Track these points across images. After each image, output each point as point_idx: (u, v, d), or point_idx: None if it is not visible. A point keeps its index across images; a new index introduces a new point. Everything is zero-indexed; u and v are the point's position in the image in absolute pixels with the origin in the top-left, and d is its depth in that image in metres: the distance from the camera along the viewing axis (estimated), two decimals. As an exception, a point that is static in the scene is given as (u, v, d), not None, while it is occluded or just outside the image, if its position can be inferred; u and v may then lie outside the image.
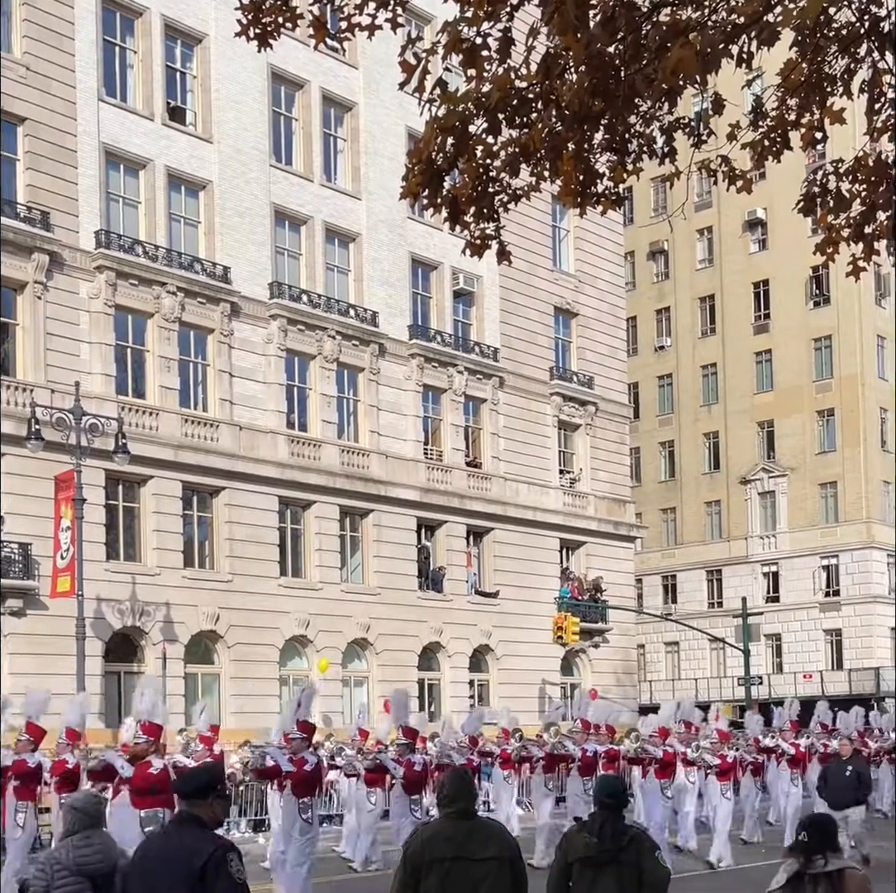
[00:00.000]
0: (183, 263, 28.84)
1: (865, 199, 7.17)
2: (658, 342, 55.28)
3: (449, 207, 6.41)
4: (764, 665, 49.60)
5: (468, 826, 5.91)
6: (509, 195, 6.58)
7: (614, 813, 6.22)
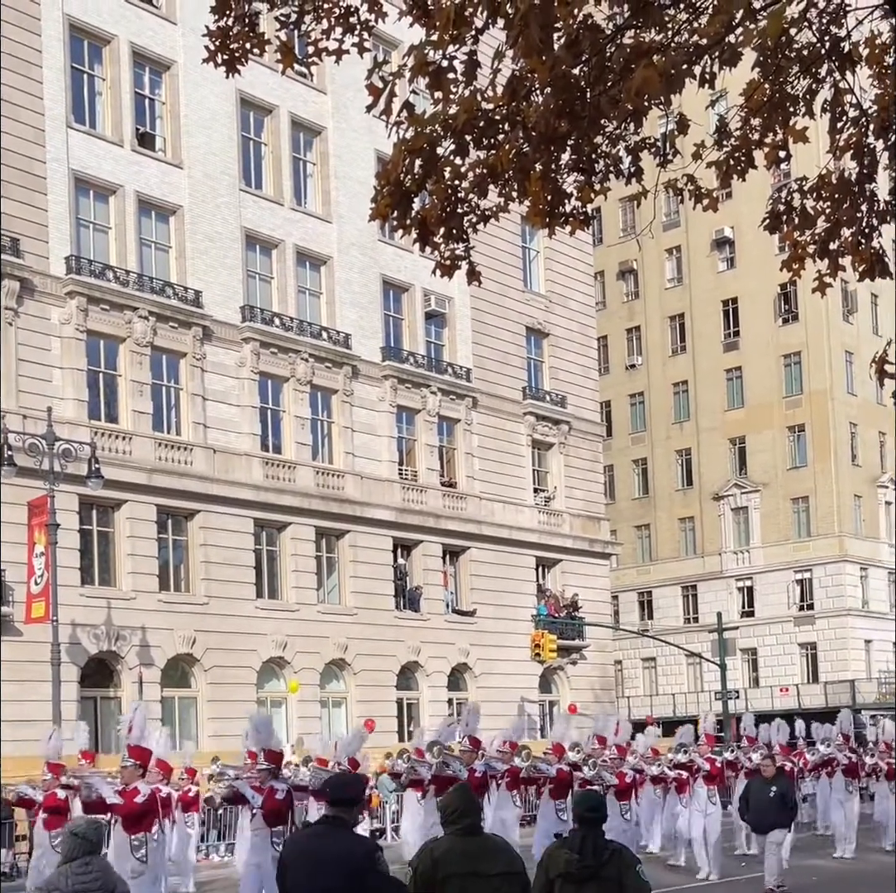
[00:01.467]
0: (154, 287, 28.80)
1: (830, 216, 7.29)
2: (629, 361, 55.63)
3: (418, 228, 6.46)
4: (741, 679, 49.84)
5: (478, 842, 5.95)
6: (478, 216, 6.62)
7: (594, 829, 6.23)
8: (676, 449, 54.22)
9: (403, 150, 6.14)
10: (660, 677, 53.93)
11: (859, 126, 7.28)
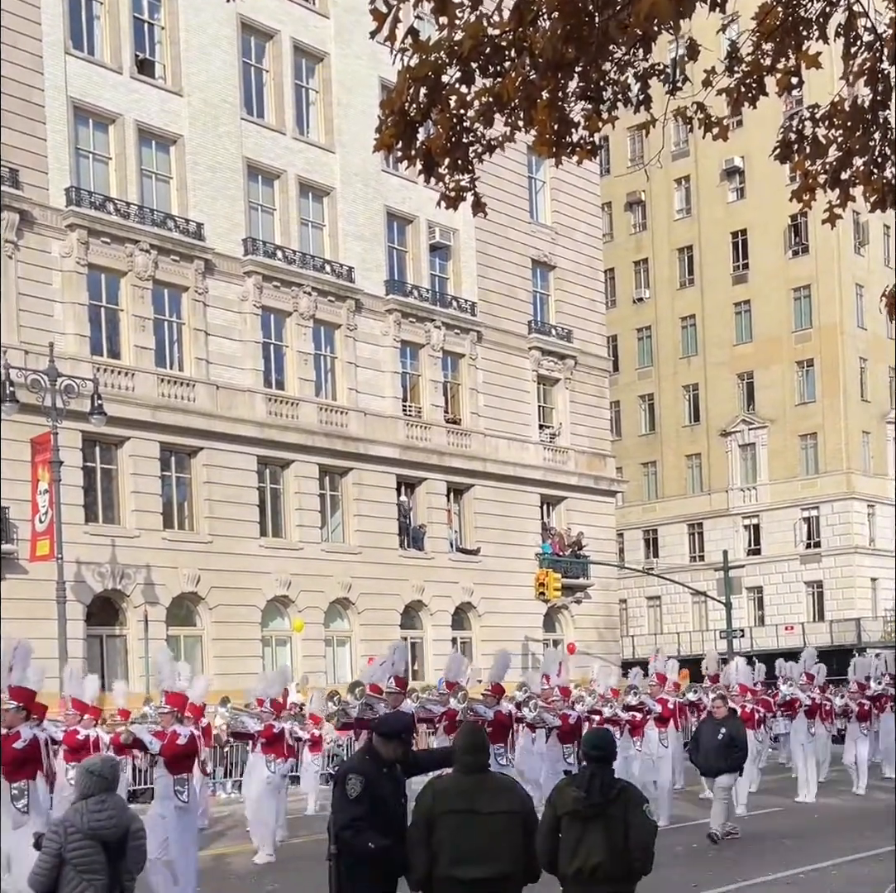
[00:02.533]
0: (155, 219, 28.69)
1: (842, 144, 7.16)
2: (636, 294, 55.40)
3: (423, 159, 6.37)
4: (746, 618, 50.19)
5: (479, 780, 6.11)
6: (483, 146, 6.55)
7: (603, 767, 6.36)
8: (684, 384, 54.15)
9: (408, 78, 6.07)
10: (665, 616, 54.41)
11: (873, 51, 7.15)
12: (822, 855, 12.85)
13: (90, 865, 5.83)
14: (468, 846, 5.98)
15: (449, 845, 6.00)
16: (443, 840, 6.01)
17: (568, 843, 6.26)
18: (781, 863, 12.54)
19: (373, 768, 6.44)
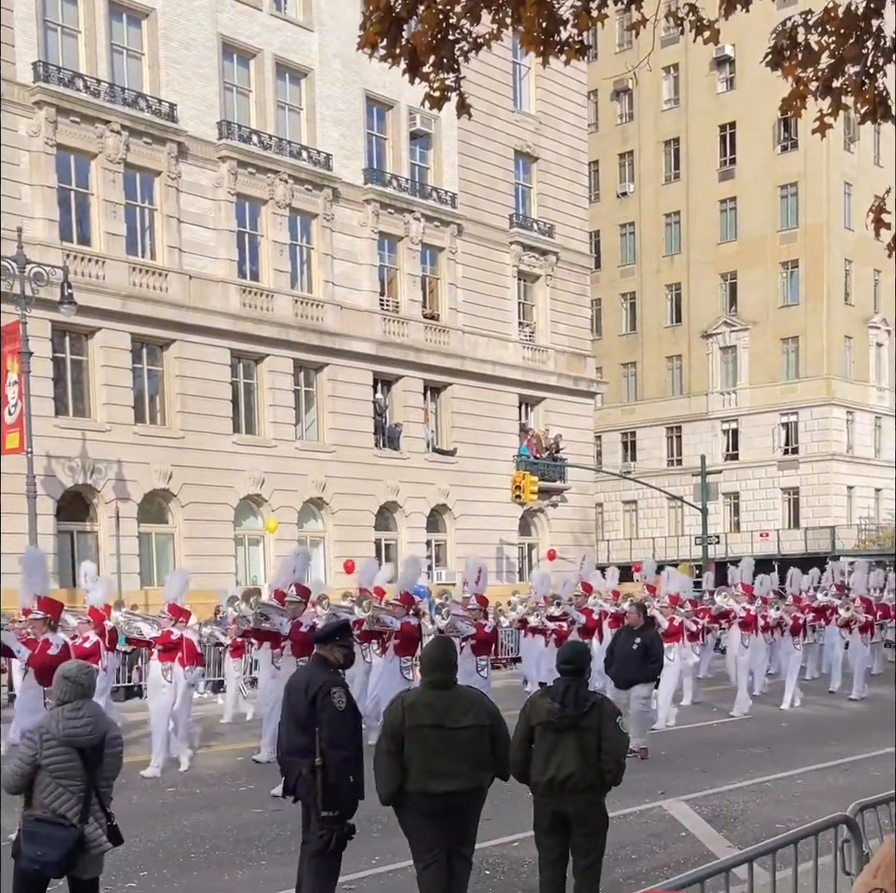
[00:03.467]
0: (127, 99, 28.56)
1: (834, 52, 7.29)
2: (621, 188, 55.46)
3: (408, 57, 6.42)
4: (722, 524, 51.51)
5: (448, 695, 6.59)
6: (469, 44, 6.59)
7: (577, 679, 6.83)
8: (666, 284, 54.65)
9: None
10: (640, 520, 55.71)
11: None
12: (787, 764, 13.61)
13: (67, 771, 5.99)
14: (438, 760, 6.43)
15: (418, 759, 6.44)
16: (412, 754, 6.45)
17: (541, 753, 6.67)
18: (748, 771, 13.21)
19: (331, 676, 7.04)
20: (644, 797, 11.49)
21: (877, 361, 54.13)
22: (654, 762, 13.92)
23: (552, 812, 6.74)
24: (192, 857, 9.66)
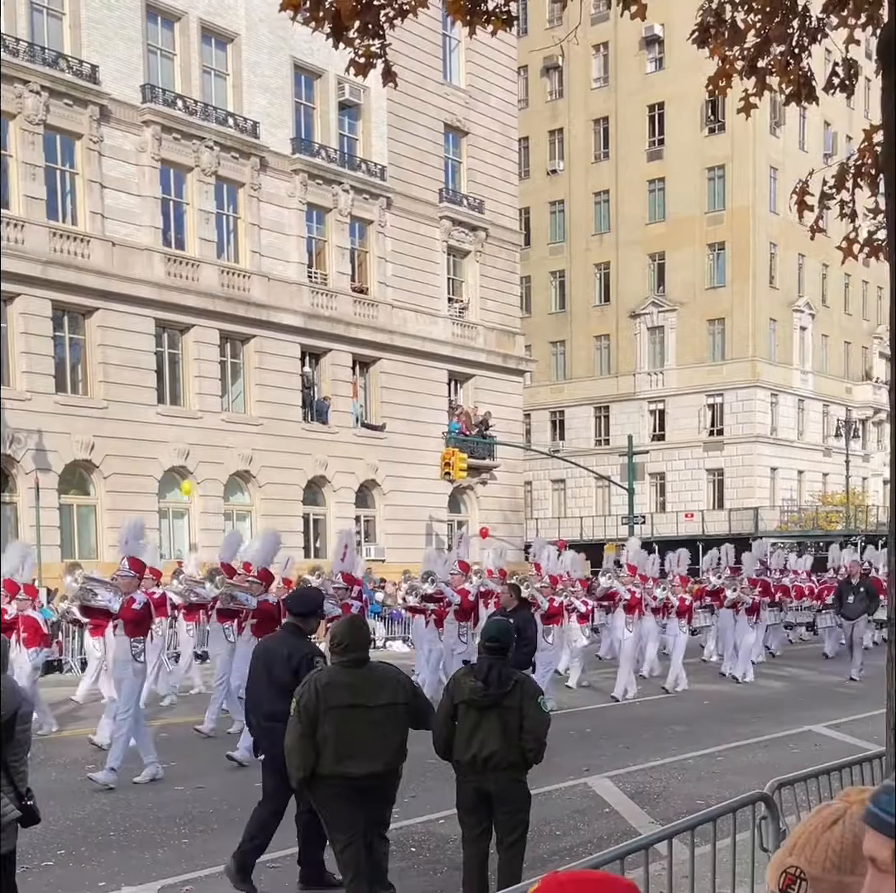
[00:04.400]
0: (47, 59, 27.86)
1: (760, 31, 7.28)
2: (550, 166, 55.57)
3: (332, 21, 6.28)
4: (648, 504, 51.98)
5: (363, 674, 6.53)
6: (395, 10, 6.44)
7: (500, 657, 6.81)
8: (595, 263, 54.88)
9: None
10: (569, 499, 55.98)
11: None
12: (709, 742, 13.76)
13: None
14: (354, 740, 6.37)
15: (335, 741, 6.36)
16: (328, 736, 6.36)
17: (464, 731, 6.66)
18: (670, 749, 13.33)
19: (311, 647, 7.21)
20: (568, 774, 11.57)
21: (801, 344, 54.97)
22: (580, 739, 14.00)
23: (475, 790, 6.74)
24: (112, 835, 9.45)
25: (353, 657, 6.56)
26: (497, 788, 6.67)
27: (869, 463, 59.66)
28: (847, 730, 14.22)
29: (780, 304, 53.39)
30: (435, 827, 9.37)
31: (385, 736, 6.47)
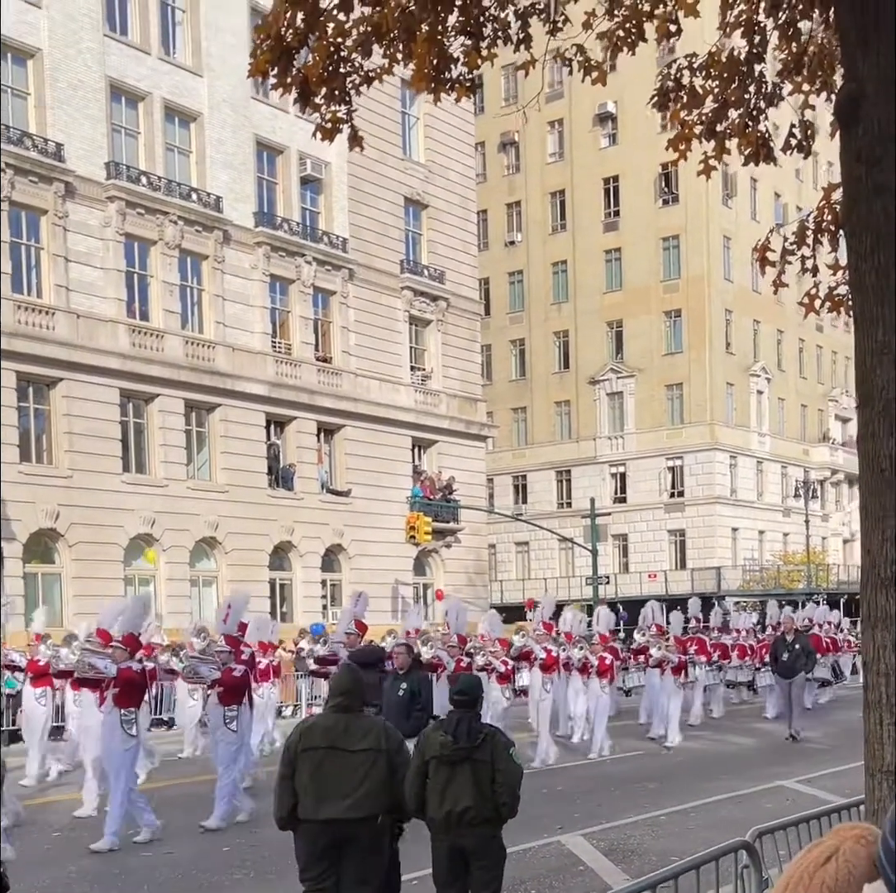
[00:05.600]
0: (12, 137, 28.23)
1: (718, 96, 7.49)
2: (509, 237, 56.43)
3: (299, 87, 6.46)
4: (611, 565, 52.06)
5: (347, 720, 6.52)
6: (361, 77, 6.59)
7: (469, 711, 6.81)
8: (554, 331, 55.56)
9: (285, 1, 6.17)
10: (532, 561, 56.08)
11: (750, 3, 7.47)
12: (681, 798, 13.74)
13: None
14: (329, 784, 6.34)
15: (310, 783, 6.36)
16: (304, 778, 6.38)
17: (436, 787, 6.55)
18: (643, 805, 13.30)
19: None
20: (542, 831, 11.48)
21: (758, 407, 55.63)
22: (552, 797, 13.91)
23: (449, 848, 6.68)
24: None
25: (338, 701, 6.56)
26: (472, 844, 6.61)
27: (828, 523, 60.15)
28: (819, 785, 14.14)
29: (736, 368, 54.10)
30: (408, 889, 8.98)
31: (363, 782, 6.37)
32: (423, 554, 39.33)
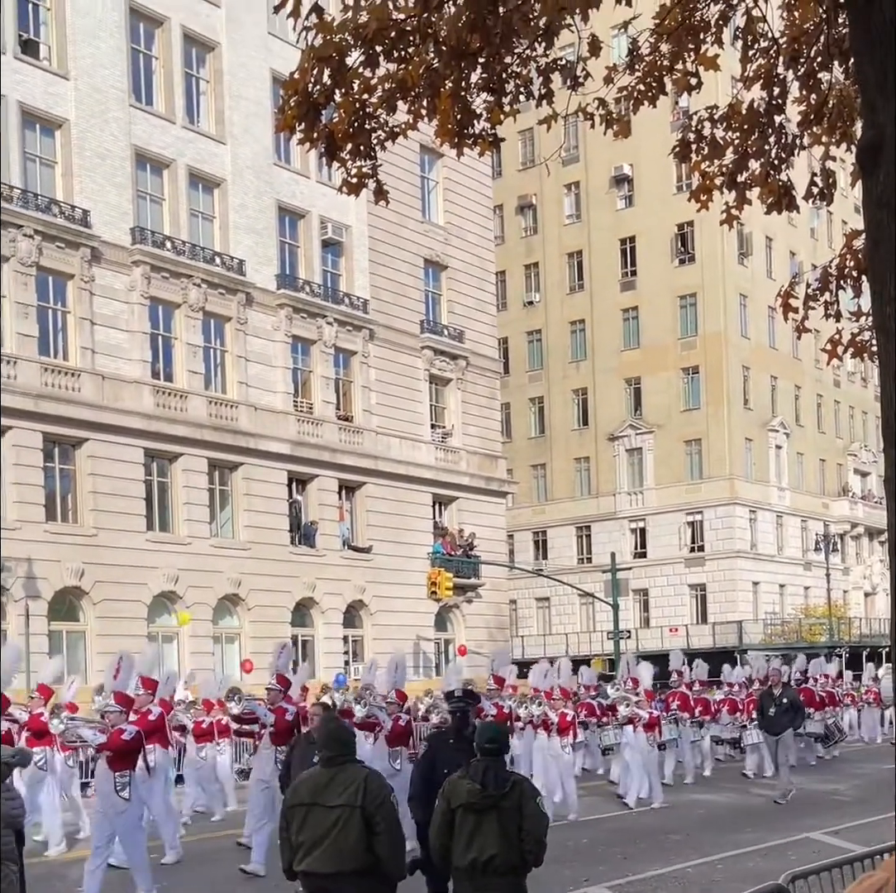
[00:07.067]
0: (39, 205, 28.41)
1: (739, 146, 7.46)
2: (527, 298, 56.37)
3: (325, 142, 6.44)
4: (632, 620, 51.31)
5: (332, 774, 6.26)
6: (386, 133, 6.59)
7: (496, 759, 6.63)
8: (573, 388, 55.30)
9: (311, 58, 6.13)
10: (553, 617, 55.40)
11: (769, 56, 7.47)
12: (706, 850, 13.37)
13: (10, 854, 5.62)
14: (307, 839, 6.17)
15: (298, 837, 6.21)
16: (294, 832, 6.24)
17: (462, 835, 6.41)
18: (668, 858, 12.96)
19: None
20: (568, 884, 11.18)
21: (776, 462, 55.08)
22: (576, 849, 13.58)
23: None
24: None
25: (322, 755, 6.37)
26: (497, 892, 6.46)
27: (849, 576, 59.23)
28: (846, 837, 13.67)
29: (755, 424, 53.64)
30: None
31: (345, 837, 6.09)
32: (444, 610, 38.85)
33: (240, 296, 32.92)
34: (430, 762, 8.81)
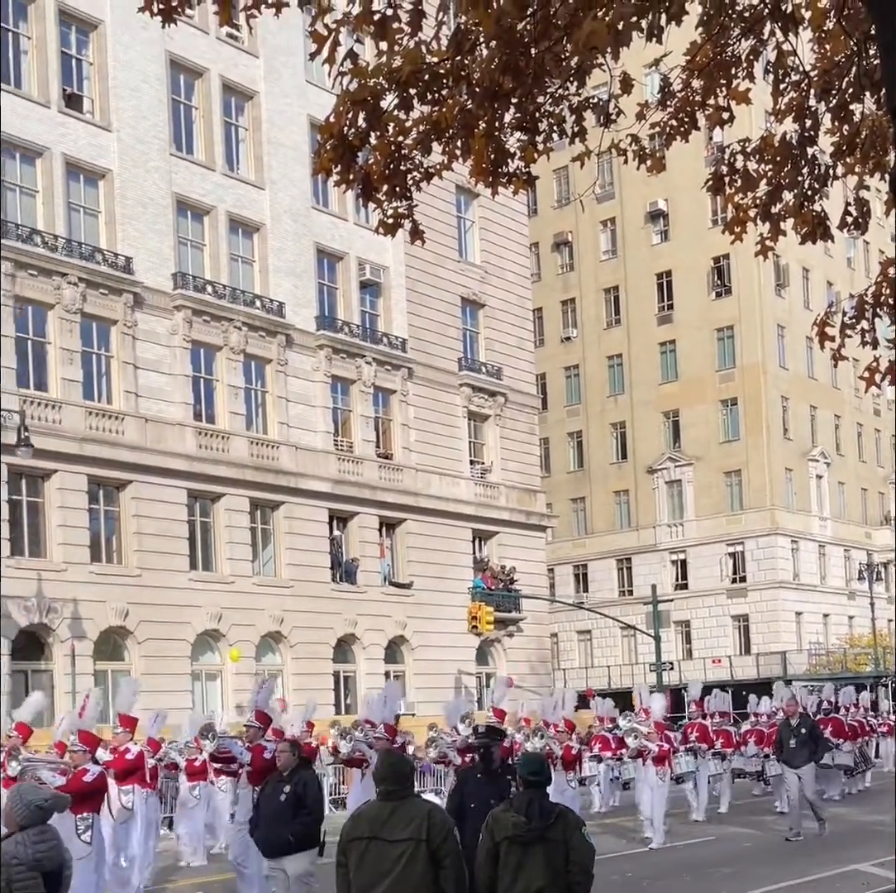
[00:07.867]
0: (83, 253, 28.54)
1: (772, 178, 7.42)
2: (564, 333, 56.14)
3: (361, 183, 6.44)
4: (674, 651, 50.70)
5: (392, 807, 6.03)
6: (421, 174, 6.65)
7: (539, 791, 6.41)
8: (611, 422, 54.93)
9: (347, 101, 6.13)
10: (595, 649, 54.76)
11: (800, 89, 7.41)
12: (757, 883, 13.02)
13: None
14: (368, 873, 5.97)
15: (356, 873, 6.01)
16: (351, 868, 6.04)
17: (508, 869, 6.22)
18: (719, 891, 12.68)
19: None
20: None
21: (818, 491, 54.31)
22: (622, 883, 13.35)
23: None
24: None
25: (382, 788, 6.14)
26: None
27: (893, 605, 58.04)
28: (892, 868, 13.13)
29: (795, 454, 52.96)
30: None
31: (410, 872, 5.89)
32: (485, 644, 38.41)
33: (280, 338, 32.89)
34: (459, 797, 8.57)
